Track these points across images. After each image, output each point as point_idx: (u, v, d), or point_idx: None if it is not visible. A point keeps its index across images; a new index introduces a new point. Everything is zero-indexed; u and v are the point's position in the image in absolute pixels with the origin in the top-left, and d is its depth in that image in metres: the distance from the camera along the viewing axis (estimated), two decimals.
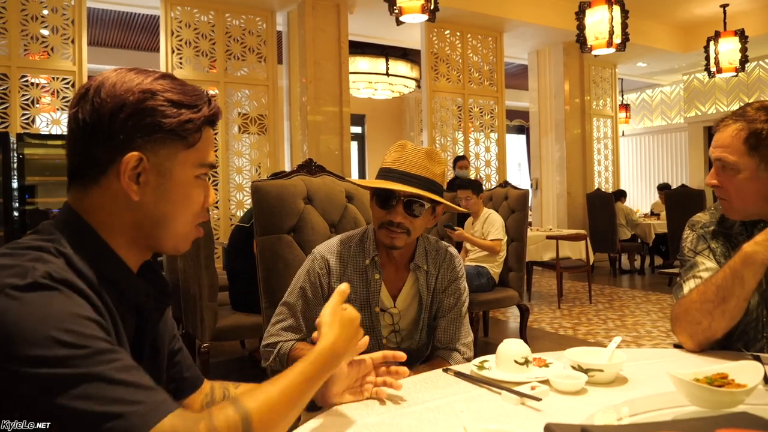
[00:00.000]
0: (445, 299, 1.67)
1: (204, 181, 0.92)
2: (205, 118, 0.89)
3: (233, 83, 6.40)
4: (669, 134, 12.24)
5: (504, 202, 4.53)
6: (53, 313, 0.70)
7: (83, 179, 0.85)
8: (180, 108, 0.86)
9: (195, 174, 0.89)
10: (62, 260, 0.78)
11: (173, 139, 0.86)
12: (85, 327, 0.71)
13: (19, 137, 4.91)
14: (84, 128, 0.83)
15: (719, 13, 7.49)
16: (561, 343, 4.61)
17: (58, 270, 0.75)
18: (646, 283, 7.71)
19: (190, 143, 0.87)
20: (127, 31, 8.16)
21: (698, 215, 1.55)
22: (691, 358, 1.33)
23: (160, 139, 0.85)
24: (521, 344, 1.25)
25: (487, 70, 7.93)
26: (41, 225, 0.85)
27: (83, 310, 0.73)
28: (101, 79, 0.85)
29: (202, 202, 0.92)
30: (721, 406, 0.96)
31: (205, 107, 0.89)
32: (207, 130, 0.91)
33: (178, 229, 0.90)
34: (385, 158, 1.56)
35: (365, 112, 11.40)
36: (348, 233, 1.68)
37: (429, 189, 1.49)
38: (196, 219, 0.93)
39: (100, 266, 0.83)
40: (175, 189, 0.87)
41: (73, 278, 0.76)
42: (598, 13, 5.32)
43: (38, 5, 5.36)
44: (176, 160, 0.87)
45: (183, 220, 0.90)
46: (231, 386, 1.16)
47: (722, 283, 1.29)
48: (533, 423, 0.97)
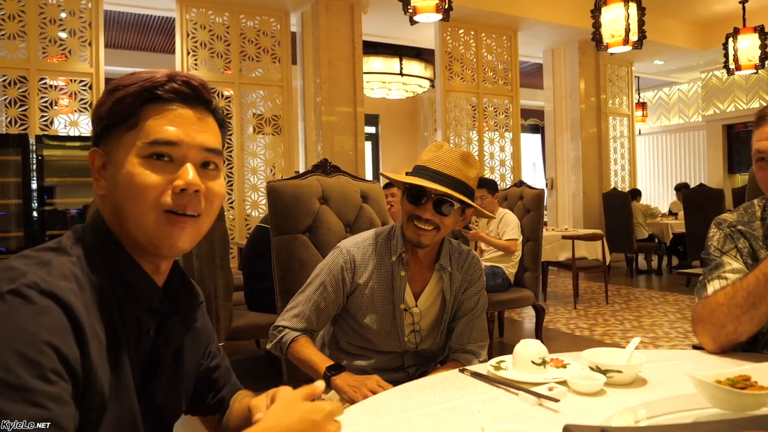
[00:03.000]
0: (465, 301, 1.67)
1: (162, 163, 0.83)
2: (137, 94, 0.83)
3: (248, 84, 6.43)
4: (687, 133, 12.09)
5: (519, 202, 4.51)
6: (10, 330, 0.66)
7: None
8: (115, 92, 0.85)
9: (143, 155, 0.82)
10: (75, 259, 0.78)
11: (115, 125, 0.84)
12: (35, 353, 0.65)
13: (38, 139, 4.97)
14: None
15: (738, 10, 7.38)
16: (577, 343, 4.57)
17: (52, 279, 0.72)
18: (663, 283, 7.62)
19: (131, 125, 0.83)
20: (143, 33, 8.23)
21: (725, 214, 1.52)
22: (712, 359, 1.31)
23: (106, 128, 0.85)
24: (538, 345, 1.24)
25: (502, 69, 7.89)
26: (75, 225, 0.87)
27: (47, 331, 0.67)
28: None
29: (159, 186, 0.82)
30: (743, 409, 0.94)
31: (141, 83, 0.83)
32: (152, 107, 0.84)
33: (139, 219, 0.82)
34: (420, 156, 1.58)
35: (379, 112, 11.39)
36: (376, 230, 1.69)
37: (459, 190, 1.50)
38: (157, 205, 0.82)
39: (115, 266, 0.83)
40: (121, 174, 0.82)
41: (65, 289, 0.72)
42: (615, 10, 5.27)
43: (56, 8, 5.42)
44: (121, 144, 0.83)
45: (140, 207, 0.81)
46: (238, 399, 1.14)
47: (754, 289, 1.25)
48: (551, 424, 0.96)
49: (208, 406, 1.09)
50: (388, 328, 1.62)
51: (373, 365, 1.63)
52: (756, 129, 1.39)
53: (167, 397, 0.93)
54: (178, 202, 0.83)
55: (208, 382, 1.08)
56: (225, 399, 1.11)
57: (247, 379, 1.19)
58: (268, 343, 1.62)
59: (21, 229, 4.84)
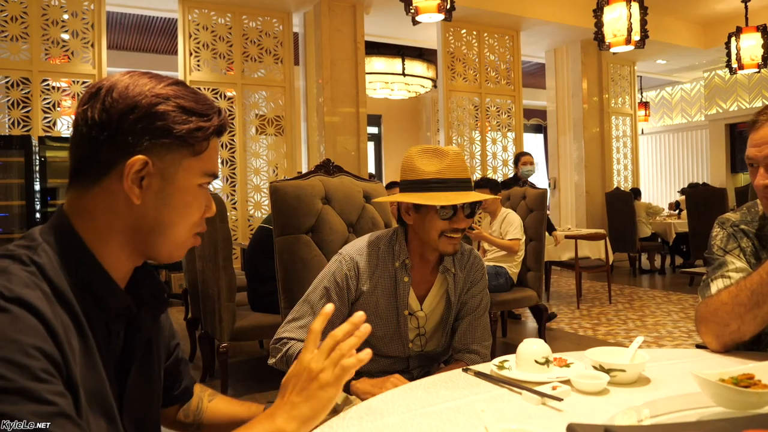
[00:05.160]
0: (468, 301, 1.66)
1: (206, 191, 0.91)
2: (214, 128, 0.88)
3: (250, 85, 6.44)
4: (689, 132, 12.07)
5: (522, 202, 4.50)
6: None
7: (84, 180, 0.84)
8: (191, 115, 0.85)
9: (198, 183, 0.88)
10: (33, 269, 0.75)
11: (180, 146, 0.84)
12: (21, 357, 0.66)
13: (40, 140, 4.99)
14: (92, 126, 0.81)
15: (741, 9, 7.37)
16: (580, 343, 4.57)
17: (14, 286, 0.71)
18: (666, 282, 7.61)
19: (196, 151, 0.86)
20: (145, 34, 8.25)
21: (728, 214, 1.51)
22: (716, 358, 1.31)
23: (167, 144, 0.83)
24: (542, 344, 1.24)
25: (504, 69, 7.89)
26: (30, 230, 0.83)
27: (28, 335, 0.68)
28: (114, 81, 0.84)
29: (202, 212, 0.91)
30: (747, 407, 0.94)
31: (216, 117, 0.88)
32: (214, 140, 0.90)
33: (176, 236, 0.88)
34: (416, 167, 1.51)
35: (381, 112, 11.40)
36: (375, 234, 1.66)
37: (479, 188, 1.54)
38: (195, 228, 0.91)
39: (82, 276, 0.81)
40: (177, 195, 0.86)
41: (30, 295, 0.71)
42: (617, 10, 5.26)
43: (59, 10, 5.44)
44: (181, 166, 0.85)
45: (182, 228, 0.88)
46: (206, 396, 1.16)
47: (758, 288, 1.25)
48: (554, 423, 0.96)
49: (173, 397, 1.10)
50: (392, 333, 1.61)
51: (378, 369, 1.62)
52: (749, 134, 1.38)
53: (144, 392, 0.93)
54: (203, 224, 0.93)
55: (175, 373, 1.09)
56: (188, 389, 1.12)
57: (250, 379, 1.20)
58: (271, 358, 1.57)
59: (24, 231, 4.86)
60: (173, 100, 0.84)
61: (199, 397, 1.15)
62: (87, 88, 0.86)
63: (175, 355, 1.08)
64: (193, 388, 1.14)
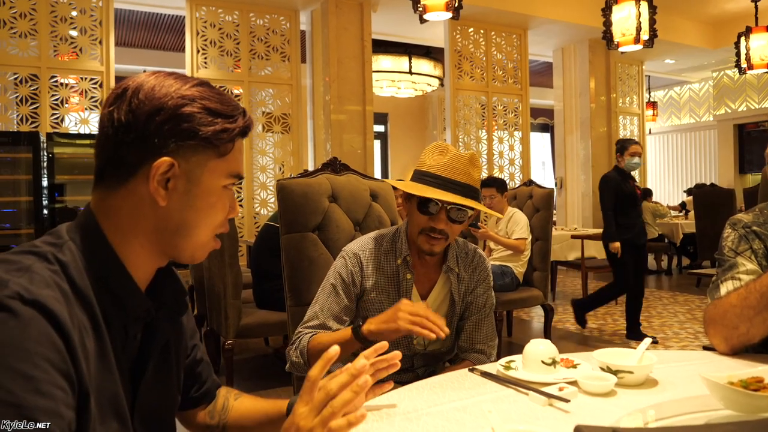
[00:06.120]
0: (473, 301, 1.66)
1: (230, 192, 0.91)
2: (239, 130, 0.88)
3: (257, 82, 6.44)
4: (698, 132, 12.00)
5: (528, 201, 4.49)
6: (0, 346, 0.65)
7: (110, 180, 0.84)
8: (217, 117, 0.85)
9: (223, 184, 0.88)
10: (57, 267, 0.75)
11: (206, 147, 0.85)
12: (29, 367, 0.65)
13: (48, 136, 5.01)
14: (118, 128, 0.81)
15: (750, 8, 7.31)
16: (586, 344, 4.56)
17: (34, 287, 0.70)
18: (673, 283, 7.58)
19: (221, 152, 0.86)
20: (153, 31, 8.27)
21: (740, 214, 1.50)
22: (724, 360, 1.30)
23: (194, 146, 0.83)
24: (548, 344, 1.23)
25: (511, 68, 7.86)
26: (57, 227, 0.83)
27: (39, 343, 0.67)
28: (140, 81, 0.83)
29: (226, 213, 0.91)
30: (756, 411, 0.93)
31: (241, 119, 0.88)
32: (239, 142, 0.90)
33: (199, 237, 0.89)
34: (423, 160, 1.53)
35: (388, 110, 11.39)
36: (379, 232, 1.67)
37: (472, 196, 1.49)
38: (218, 229, 0.91)
39: (104, 275, 0.81)
40: (202, 197, 0.86)
41: (48, 297, 0.70)
42: (626, 9, 5.23)
43: (67, 7, 5.46)
44: (206, 168, 0.86)
45: (205, 229, 0.89)
46: (232, 396, 1.16)
47: (767, 291, 1.25)
48: (561, 424, 0.96)
49: (192, 399, 1.10)
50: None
51: None
52: None
53: (159, 395, 0.92)
54: (226, 225, 0.93)
55: (193, 375, 1.09)
56: (210, 391, 1.12)
57: (255, 377, 1.20)
58: (288, 365, 1.57)
59: (32, 226, 4.88)
60: (199, 102, 0.84)
61: (225, 397, 1.15)
62: (112, 89, 0.85)
63: (192, 356, 1.07)
64: (215, 391, 1.13)
